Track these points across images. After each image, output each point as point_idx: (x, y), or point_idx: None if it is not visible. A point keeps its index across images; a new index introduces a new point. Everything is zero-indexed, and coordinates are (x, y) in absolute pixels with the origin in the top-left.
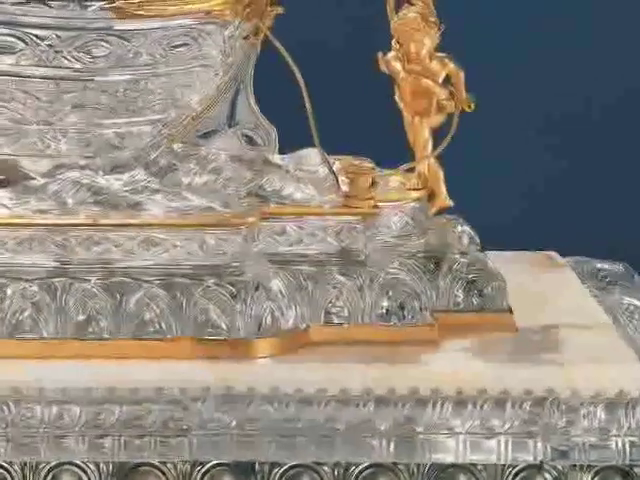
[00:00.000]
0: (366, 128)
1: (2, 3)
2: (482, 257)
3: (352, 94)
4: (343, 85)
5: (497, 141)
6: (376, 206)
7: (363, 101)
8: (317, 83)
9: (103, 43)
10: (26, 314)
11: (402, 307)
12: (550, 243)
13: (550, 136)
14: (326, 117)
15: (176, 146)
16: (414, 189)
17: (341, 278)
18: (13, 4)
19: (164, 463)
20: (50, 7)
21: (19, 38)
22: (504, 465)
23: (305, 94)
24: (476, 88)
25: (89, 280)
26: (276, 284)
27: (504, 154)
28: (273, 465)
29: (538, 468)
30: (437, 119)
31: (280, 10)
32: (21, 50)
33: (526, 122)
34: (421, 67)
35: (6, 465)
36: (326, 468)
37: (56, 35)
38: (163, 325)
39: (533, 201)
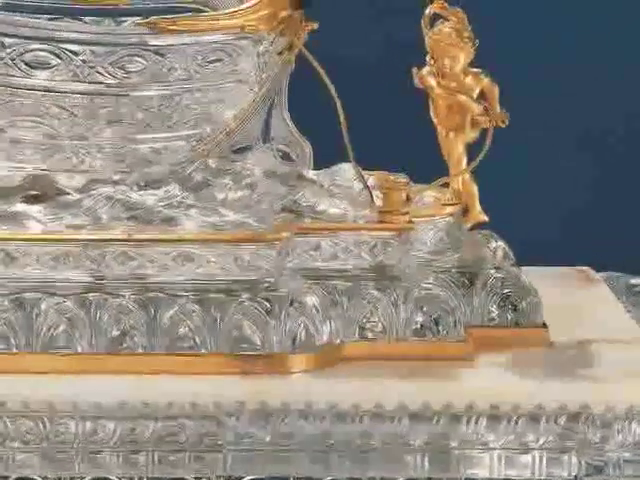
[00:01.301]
0: (400, 143)
1: (37, 18)
2: (516, 272)
3: (386, 109)
4: (377, 100)
5: (531, 156)
6: (411, 221)
7: (397, 116)
8: (351, 98)
9: (138, 58)
10: (60, 329)
11: (436, 322)
12: (584, 258)
13: (584, 151)
14: (360, 132)
15: (211, 161)
16: (448, 204)
17: (376, 293)
18: (48, 19)
19: (199, 479)
20: (85, 22)
21: (54, 53)
22: None
23: (339, 109)
24: (511, 103)
25: (123, 295)
26: (310, 299)
27: (538, 169)
28: None
29: None
30: (471, 134)
31: (314, 25)
32: (56, 65)
33: (561, 137)
34: (455, 82)
35: None
36: None
37: (91, 50)
38: (197, 340)
39: (567, 216)
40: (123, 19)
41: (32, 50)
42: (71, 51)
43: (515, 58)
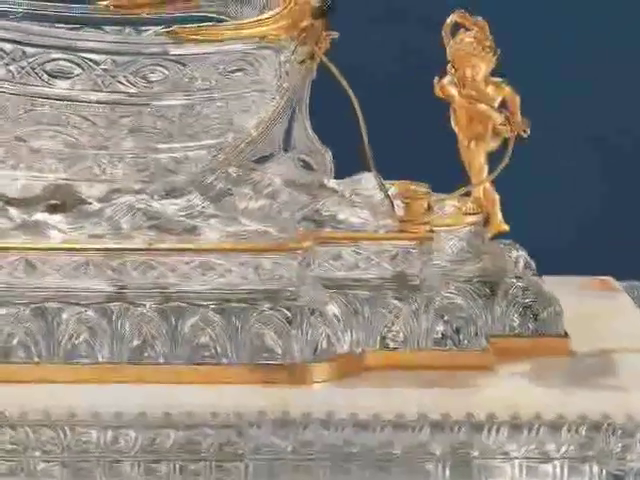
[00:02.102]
0: (422, 152)
1: (58, 28)
2: (538, 282)
3: (407, 119)
4: (398, 109)
5: (552, 165)
6: (432, 231)
7: (418, 125)
8: (372, 107)
9: (159, 68)
10: (82, 339)
11: (458, 332)
12: (605, 267)
13: (605, 160)
14: (381, 141)
15: (232, 171)
16: (470, 213)
17: (397, 303)
18: (69, 29)
19: None
20: (106, 32)
21: (75, 63)
22: None
23: (360, 118)
24: (531, 112)
25: (144, 305)
26: (332, 309)
27: (559, 178)
28: None
29: None
30: (492, 144)
31: (335, 34)
32: (77, 75)
33: (581, 145)
34: (477, 92)
35: None
36: None
37: (112, 60)
38: (218, 350)
39: (588, 225)
40: (144, 28)
41: (53, 59)
42: (92, 60)
43: (532, 65)
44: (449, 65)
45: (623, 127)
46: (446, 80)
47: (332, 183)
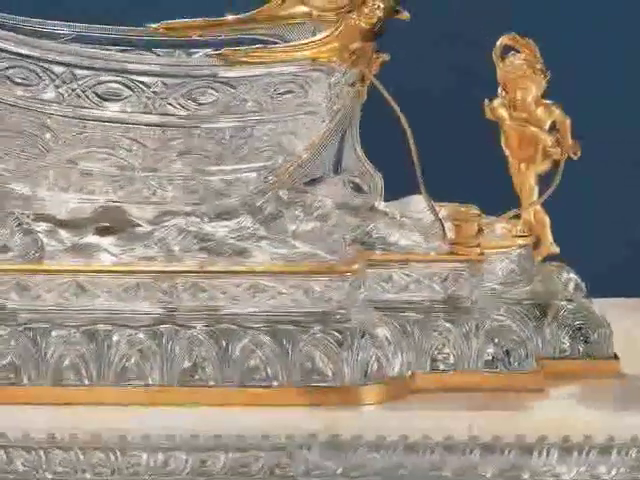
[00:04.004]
0: (472, 175)
1: (108, 50)
2: (588, 304)
3: (458, 141)
4: (449, 132)
5: (602, 187)
6: (482, 253)
7: (469, 148)
8: (423, 130)
9: (209, 90)
10: (132, 361)
11: (508, 354)
12: None
13: None
14: (432, 164)
15: (282, 193)
16: (520, 236)
17: (447, 325)
18: (119, 51)
19: None
20: (156, 54)
21: (125, 85)
22: None
23: (411, 141)
24: (582, 134)
25: (195, 327)
26: (382, 331)
27: (610, 200)
28: None
29: None
30: (543, 166)
31: (386, 57)
32: (127, 97)
33: (632, 167)
34: (527, 114)
35: None
36: None
37: (162, 82)
38: (269, 372)
39: (639, 247)
40: (194, 51)
41: (103, 82)
42: (142, 83)
43: (582, 88)
44: (499, 87)
45: None
46: (496, 102)
47: (382, 205)
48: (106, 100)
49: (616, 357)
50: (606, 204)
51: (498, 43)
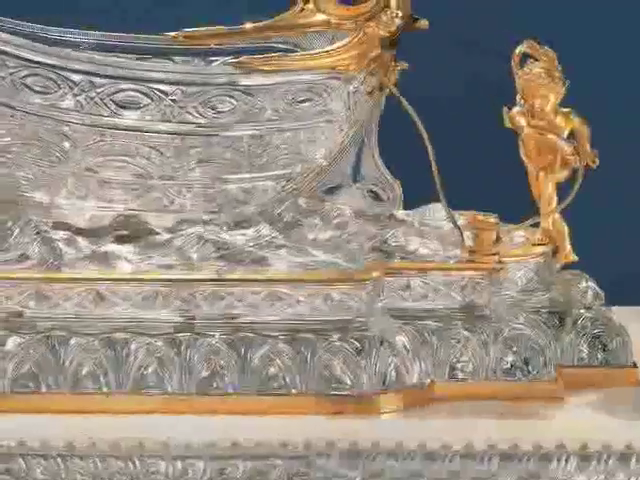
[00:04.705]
0: (490, 183)
1: (127, 58)
2: (606, 312)
3: (476, 149)
4: (467, 140)
5: (620, 195)
6: (501, 261)
7: (487, 156)
8: (441, 138)
9: (227, 98)
10: (150, 369)
11: (527, 362)
12: None
13: None
14: (450, 172)
15: (301, 201)
16: (539, 244)
17: (466, 333)
18: (138, 59)
19: None
20: (175, 62)
21: (144, 93)
22: None
23: (429, 149)
24: (600, 143)
25: (213, 335)
26: (400, 339)
27: (628, 208)
28: None
29: None
30: (562, 174)
31: (404, 65)
32: (146, 105)
33: None
34: (546, 122)
35: None
36: None
37: (181, 90)
38: (287, 380)
39: None
40: (213, 59)
41: (122, 90)
42: (161, 91)
43: (600, 95)
44: (518, 95)
45: None
46: (515, 110)
47: (401, 213)
48: (124, 108)
49: (635, 365)
50: (624, 212)
51: (517, 51)
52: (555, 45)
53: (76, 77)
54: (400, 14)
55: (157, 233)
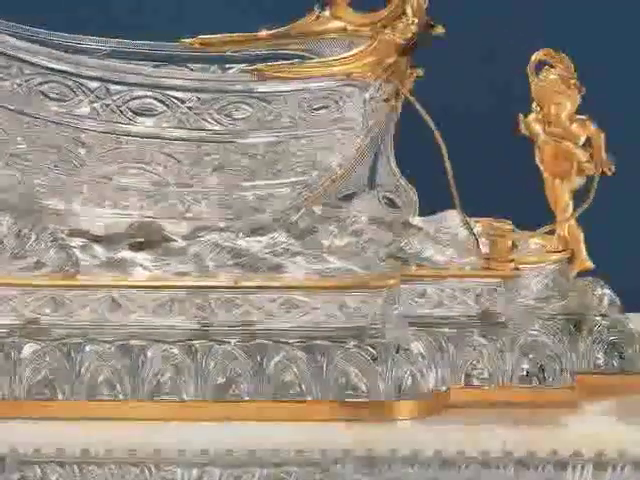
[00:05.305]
0: (506, 190)
1: (143, 65)
2: (623, 319)
3: (492, 156)
4: (482, 147)
5: (637, 202)
6: (516, 268)
7: (503, 163)
8: (456, 145)
9: (243, 105)
10: (167, 376)
11: (542, 369)
12: None
13: None
14: (466, 179)
15: (316, 208)
16: (554, 251)
17: (481, 340)
18: (154, 66)
19: None
20: (191, 70)
21: (160, 100)
22: None
23: (445, 156)
24: (616, 150)
25: (229, 342)
26: (416, 346)
27: None
28: None
29: None
30: (577, 181)
31: (420, 72)
32: (162, 112)
33: None
34: (561, 129)
35: None
36: None
37: (197, 97)
38: (303, 387)
39: None
40: (229, 66)
41: (138, 97)
42: (177, 98)
43: (616, 103)
44: (534, 103)
45: None
46: (531, 117)
47: (417, 220)
48: (140, 115)
49: None
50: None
51: (532, 58)
52: (571, 53)
53: (92, 84)
54: (416, 21)
55: (173, 240)
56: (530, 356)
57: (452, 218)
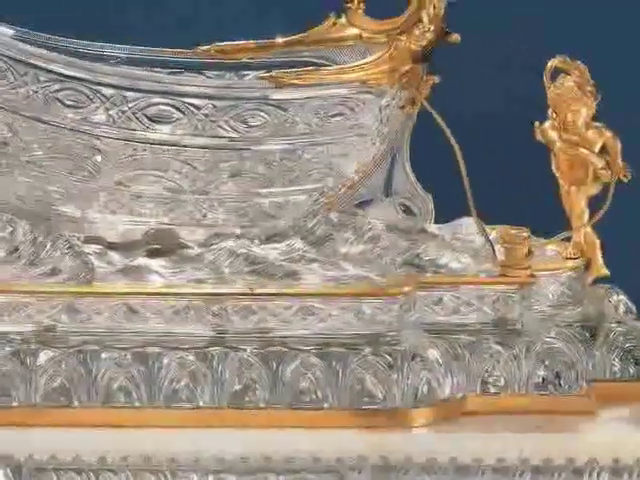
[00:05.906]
0: (522, 197)
1: (159, 72)
2: (638, 326)
3: (508, 163)
4: (498, 154)
5: None
6: (532, 275)
7: (519, 170)
8: (473, 152)
9: (259, 112)
10: (183, 383)
11: (558, 376)
12: None
13: None
14: (482, 186)
15: (333, 215)
16: (570, 258)
17: (497, 347)
18: (169, 73)
19: None
20: (207, 76)
21: (176, 107)
22: None
23: (461, 163)
24: (632, 157)
25: (245, 349)
26: (432, 353)
27: None
28: None
29: None
30: (593, 188)
31: (436, 79)
32: (178, 119)
33: None
34: (577, 136)
35: None
36: None
37: (212, 104)
38: (319, 394)
39: None
40: (245, 73)
41: (154, 104)
42: (193, 105)
43: (632, 110)
44: (550, 110)
45: None
46: (547, 124)
47: (433, 228)
48: (156, 122)
49: None
50: None
51: (548, 65)
52: (587, 59)
53: (108, 91)
54: (432, 28)
55: (189, 247)
56: (546, 363)
57: (468, 225)
